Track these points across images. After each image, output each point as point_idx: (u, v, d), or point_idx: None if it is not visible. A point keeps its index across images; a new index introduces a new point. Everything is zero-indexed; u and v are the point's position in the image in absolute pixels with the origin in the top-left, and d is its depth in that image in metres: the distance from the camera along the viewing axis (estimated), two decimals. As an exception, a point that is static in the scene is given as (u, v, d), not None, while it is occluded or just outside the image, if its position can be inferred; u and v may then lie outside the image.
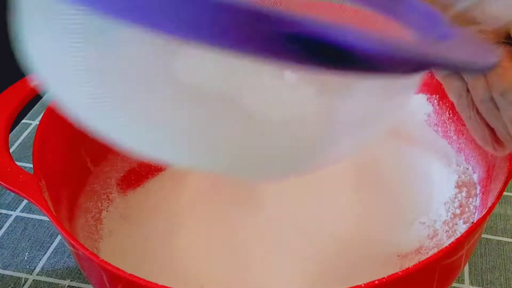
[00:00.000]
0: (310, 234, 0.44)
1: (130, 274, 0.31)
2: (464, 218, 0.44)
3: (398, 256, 0.42)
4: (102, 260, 0.33)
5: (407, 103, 0.30)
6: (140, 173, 0.50)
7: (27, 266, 0.46)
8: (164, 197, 0.49)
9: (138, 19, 0.19)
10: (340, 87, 0.27)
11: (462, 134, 0.48)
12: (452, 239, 0.37)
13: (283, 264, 0.42)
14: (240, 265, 0.42)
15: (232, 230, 0.45)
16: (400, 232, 0.44)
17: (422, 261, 0.32)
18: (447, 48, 0.23)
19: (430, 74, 0.50)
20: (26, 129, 0.59)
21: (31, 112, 0.62)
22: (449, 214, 0.44)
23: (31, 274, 0.45)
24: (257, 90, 0.26)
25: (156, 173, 0.51)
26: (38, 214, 0.50)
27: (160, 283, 0.31)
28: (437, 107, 0.51)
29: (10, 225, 0.50)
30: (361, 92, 0.27)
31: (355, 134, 0.28)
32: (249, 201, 0.47)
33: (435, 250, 0.42)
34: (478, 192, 0.45)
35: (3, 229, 0.49)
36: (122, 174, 0.49)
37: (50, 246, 0.48)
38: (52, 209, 0.36)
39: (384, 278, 0.31)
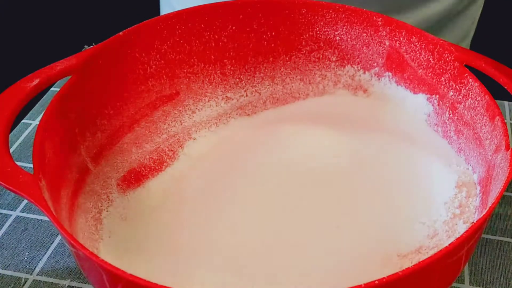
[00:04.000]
0: (310, 234, 0.44)
1: (130, 274, 0.31)
2: (464, 218, 0.44)
3: (398, 256, 0.42)
4: (102, 260, 0.33)
5: None
6: (140, 173, 0.50)
7: (27, 266, 0.46)
8: (164, 197, 0.49)
9: None
10: None
11: (462, 134, 0.48)
12: (452, 239, 0.37)
13: (283, 264, 0.42)
14: (240, 265, 0.42)
15: (232, 230, 0.45)
16: (400, 232, 0.44)
17: (422, 261, 0.32)
18: None
19: (430, 74, 0.51)
20: (26, 129, 0.59)
21: (31, 112, 0.62)
22: (449, 214, 0.44)
23: (31, 274, 0.45)
24: None
25: (156, 173, 0.51)
26: (38, 214, 0.50)
27: (160, 283, 0.31)
28: (437, 107, 0.51)
29: (10, 225, 0.50)
30: None
31: None
32: (249, 201, 0.47)
33: (435, 250, 0.42)
34: (478, 192, 0.45)
35: (3, 229, 0.49)
36: (122, 174, 0.49)
37: (50, 246, 0.48)
38: (52, 209, 0.36)
39: (384, 278, 0.31)
